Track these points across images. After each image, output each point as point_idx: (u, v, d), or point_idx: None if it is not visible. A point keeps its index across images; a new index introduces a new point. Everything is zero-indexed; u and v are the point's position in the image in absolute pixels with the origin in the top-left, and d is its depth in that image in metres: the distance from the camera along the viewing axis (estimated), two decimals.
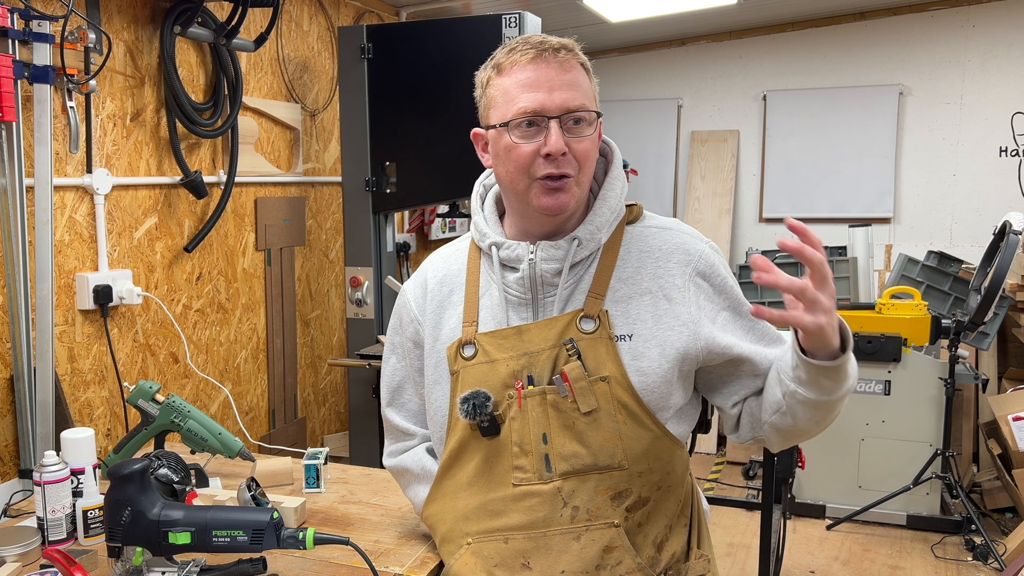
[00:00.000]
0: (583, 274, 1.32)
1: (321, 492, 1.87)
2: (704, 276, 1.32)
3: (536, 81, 1.25)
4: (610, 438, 1.27)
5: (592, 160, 1.30)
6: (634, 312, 1.29)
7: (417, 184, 3.17)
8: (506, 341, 1.31)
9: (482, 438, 1.32)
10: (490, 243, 1.36)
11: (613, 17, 4.32)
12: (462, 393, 1.31)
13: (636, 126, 5.41)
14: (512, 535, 1.30)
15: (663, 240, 1.34)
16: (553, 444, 1.28)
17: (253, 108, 3.07)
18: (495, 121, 1.29)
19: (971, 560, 3.28)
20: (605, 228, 1.33)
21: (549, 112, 1.24)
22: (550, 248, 1.30)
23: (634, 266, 1.32)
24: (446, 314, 1.39)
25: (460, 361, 1.34)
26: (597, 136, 1.31)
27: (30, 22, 2.05)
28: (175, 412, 1.90)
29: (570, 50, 1.28)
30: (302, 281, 3.44)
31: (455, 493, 1.36)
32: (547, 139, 1.24)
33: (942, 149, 4.85)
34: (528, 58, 1.25)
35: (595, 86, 1.32)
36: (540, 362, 1.29)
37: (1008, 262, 3.19)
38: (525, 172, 1.27)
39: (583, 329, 1.29)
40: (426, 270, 1.46)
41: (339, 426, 3.73)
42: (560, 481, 1.28)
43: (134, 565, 1.32)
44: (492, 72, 1.30)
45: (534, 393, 1.28)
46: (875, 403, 3.61)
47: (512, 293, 1.33)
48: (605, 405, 1.27)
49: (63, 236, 2.30)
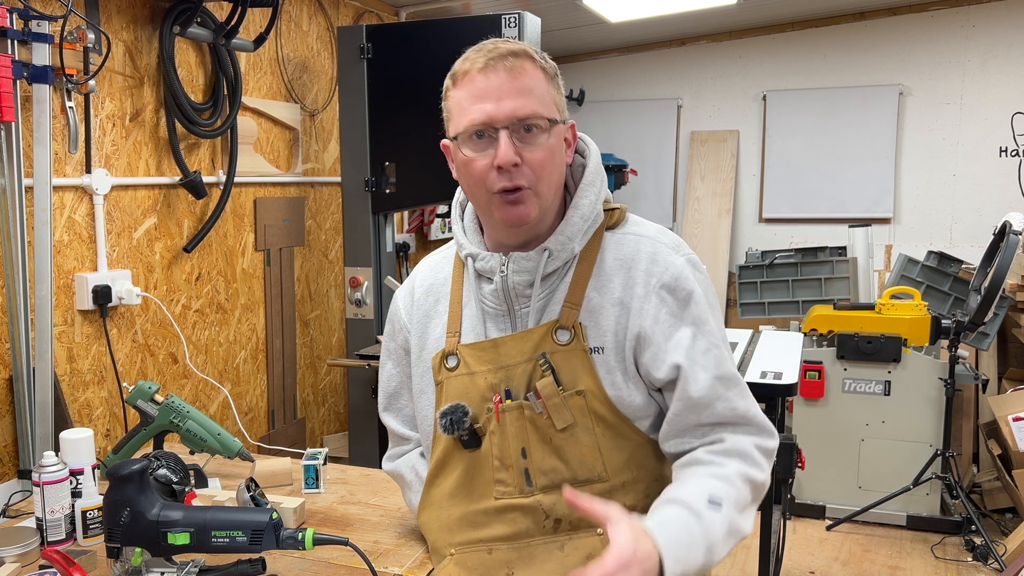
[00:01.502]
0: (558, 284, 1.28)
1: (320, 493, 1.86)
2: (669, 289, 1.25)
3: (485, 91, 1.20)
4: (589, 452, 1.25)
5: (551, 169, 1.23)
6: (604, 323, 1.25)
7: (417, 184, 3.16)
8: (484, 354, 1.29)
9: (464, 450, 1.30)
10: (467, 254, 1.33)
11: (613, 17, 4.32)
12: (442, 407, 1.29)
13: (636, 126, 5.41)
14: (496, 546, 1.29)
15: (637, 248, 1.28)
16: (532, 458, 1.26)
17: (252, 108, 3.07)
18: (452, 134, 1.25)
19: (971, 561, 3.27)
20: (578, 237, 1.27)
21: (497, 122, 1.19)
22: (521, 260, 1.26)
23: (607, 275, 1.27)
24: (432, 323, 1.38)
25: (444, 372, 1.32)
26: (559, 143, 1.26)
27: (29, 22, 2.05)
28: (174, 412, 1.90)
29: (521, 55, 1.21)
30: (301, 281, 3.43)
31: (439, 503, 1.36)
32: (496, 151, 1.19)
33: (942, 149, 4.85)
34: (478, 67, 1.20)
35: (558, 91, 1.27)
36: (516, 376, 1.27)
37: (1008, 262, 3.19)
38: (482, 186, 1.23)
39: (559, 340, 1.25)
40: (415, 278, 1.45)
41: (338, 426, 3.73)
42: (541, 495, 1.26)
43: (133, 566, 1.32)
44: (449, 82, 1.26)
45: (512, 408, 1.26)
46: (875, 403, 3.60)
47: (488, 305, 1.31)
48: (582, 420, 1.24)
49: (62, 236, 2.29)
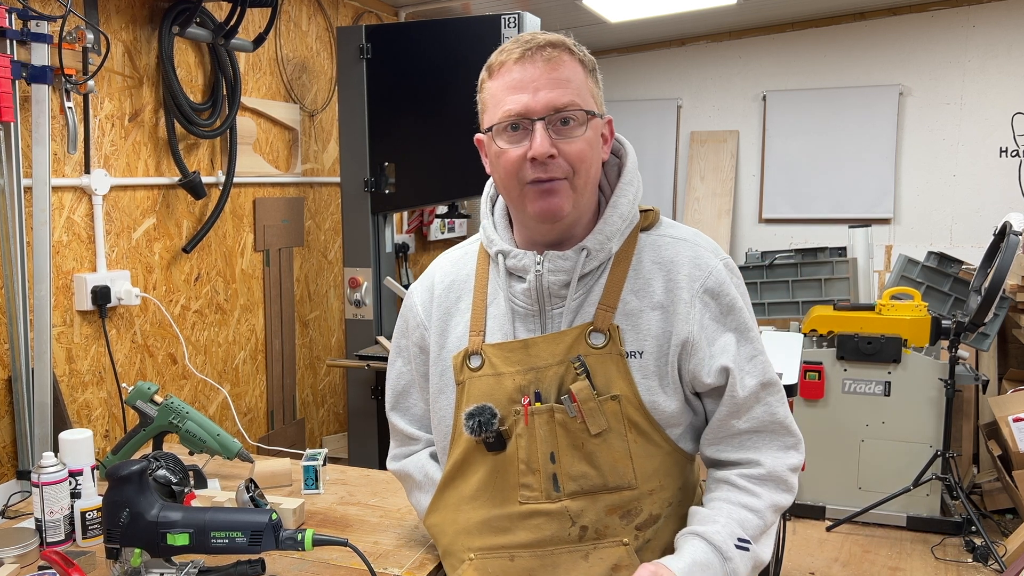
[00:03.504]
0: (593, 285, 1.25)
1: (320, 493, 1.86)
2: (712, 294, 1.24)
3: (521, 82, 1.19)
4: (620, 458, 1.23)
5: (588, 162, 1.21)
6: (644, 327, 1.23)
7: (416, 185, 3.16)
8: (513, 355, 1.26)
9: (487, 452, 1.27)
10: (497, 251, 1.30)
11: (613, 17, 4.32)
12: (468, 407, 1.26)
13: (635, 126, 5.41)
14: (518, 553, 1.26)
15: (676, 252, 1.27)
16: (561, 463, 1.23)
17: (252, 108, 3.07)
18: (486, 126, 1.25)
19: (971, 561, 3.27)
20: (616, 237, 1.25)
21: (533, 114, 1.18)
22: (558, 259, 1.23)
23: (646, 278, 1.25)
24: (453, 321, 1.34)
25: (466, 371, 1.29)
26: (596, 137, 1.24)
27: (28, 22, 2.04)
28: (173, 413, 1.90)
29: (559, 46, 1.20)
30: (301, 282, 3.43)
31: (457, 506, 1.33)
32: (532, 142, 1.18)
33: (942, 149, 4.85)
34: (514, 58, 1.20)
35: (596, 84, 1.26)
36: (547, 378, 1.24)
37: (1008, 263, 3.19)
38: (515, 178, 1.21)
39: (592, 344, 1.23)
40: (434, 274, 1.41)
41: (338, 427, 3.72)
42: (568, 501, 1.24)
43: (132, 566, 1.32)
44: (485, 74, 1.25)
45: (542, 411, 1.23)
46: (875, 404, 3.60)
47: (519, 304, 1.28)
48: (615, 425, 1.22)
49: (61, 237, 2.29)
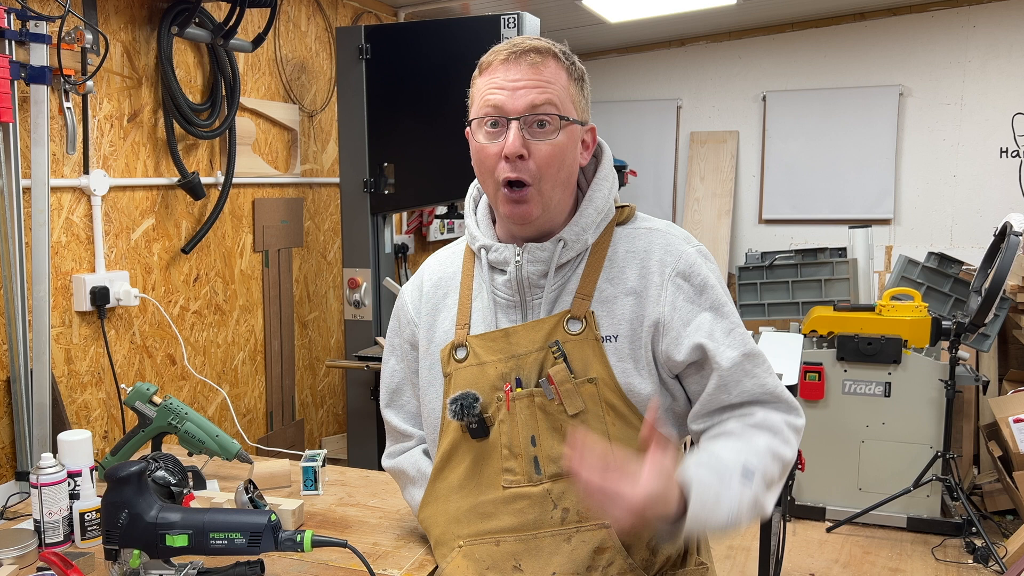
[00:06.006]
0: (570, 275, 1.31)
1: (319, 494, 1.86)
2: (684, 276, 1.29)
3: (504, 81, 1.24)
4: (599, 440, 1.27)
5: (556, 167, 1.25)
6: (618, 312, 1.29)
7: (415, 185, 3.16)
8: (494, 344, 1.31)
9: (472, 440, 1.32)
10: (479, 245, 1.36)
11: (612, 17, 4.32)
12: (452, 395, 1.32)
13: (635, 127, 5.41)
14: (503, 537, 1.30)
15: (650, 241, 1.33)
16: (542, 446, 1.28)
17: (251, 109, 3.06)
18: (470, 119, 1.30)
19: (971, 563, 3.27)
20: (592, 229, 1.32)
21: (510, 112, 1.23)
22: (536, 250, 1.29)
23: (620, 266, 1.31)
24: (440, 316, 1.40)
25: (452, 363, 1.34)
26: (571, 142, 1.28)
27: (27, 23, 2.04)
28: (172, 414, 1.89)
29: (545, 52, 1.25)
30: (300, 282, 3.43)
31: (447, 496, 1.37)
32: (505, 140, 1.23)
33: (942, 150, 4.85)
34: (501, 59, 1.26)
35: (580, 92, 1.29)
36: (527, 364, 1.29)
37: (1009, 263, 3.18)
38: (491, 175, 1.27)
39: (570, 330, 1.28)
40: (423, 272, 1.47)
41: (337, 428, 3.72)
42: (549, 483, 1.28)
43: (131, 568, 1.32)
44: (476, 71, 1.31)
45: (522, 396, 1.29)
46: (875, 405, 3.60)
47: (501, 295, 1.34)
48: (592, 407, 1.27)
49: (60, 237, 2.29)
